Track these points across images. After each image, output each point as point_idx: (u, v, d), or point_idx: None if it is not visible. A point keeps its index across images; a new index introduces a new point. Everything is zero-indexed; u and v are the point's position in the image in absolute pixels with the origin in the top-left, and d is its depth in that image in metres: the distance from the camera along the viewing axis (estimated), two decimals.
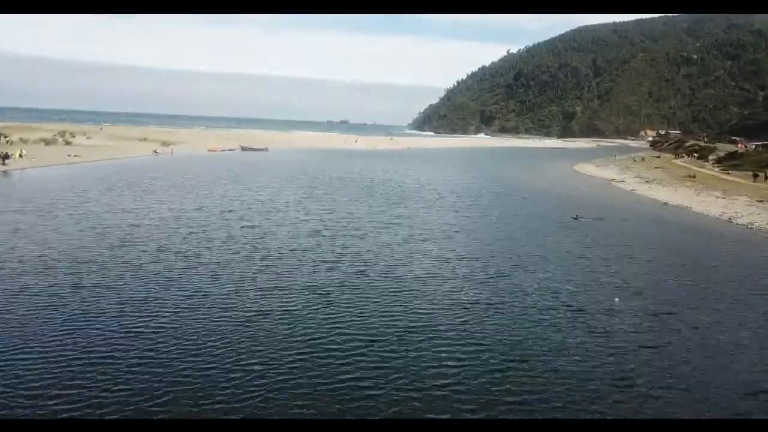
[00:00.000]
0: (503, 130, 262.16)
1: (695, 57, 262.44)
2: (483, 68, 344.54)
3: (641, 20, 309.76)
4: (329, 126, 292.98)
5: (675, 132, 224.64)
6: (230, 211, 24.81)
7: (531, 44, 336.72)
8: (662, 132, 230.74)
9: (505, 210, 29.83)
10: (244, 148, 73.23)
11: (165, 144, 67.61)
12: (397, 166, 55.60)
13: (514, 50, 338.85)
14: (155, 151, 58.88)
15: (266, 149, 73.34)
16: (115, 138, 70.82)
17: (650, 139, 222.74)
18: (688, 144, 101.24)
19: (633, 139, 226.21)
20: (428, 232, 22.13)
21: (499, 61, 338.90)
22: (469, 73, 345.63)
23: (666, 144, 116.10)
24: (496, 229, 23.87)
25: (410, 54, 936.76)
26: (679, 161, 76.20)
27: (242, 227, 21.45)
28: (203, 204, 26.39)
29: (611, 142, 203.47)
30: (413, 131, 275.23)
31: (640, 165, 69.59)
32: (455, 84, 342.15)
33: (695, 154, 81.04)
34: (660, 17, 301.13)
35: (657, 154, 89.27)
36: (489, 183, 43.64)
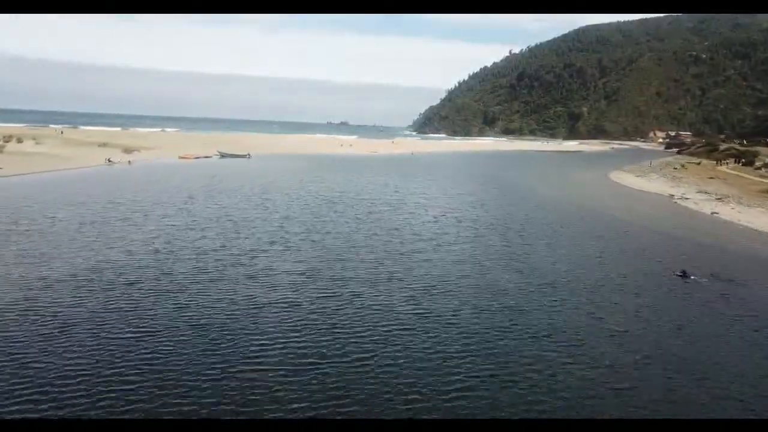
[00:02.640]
0: (507, 132, 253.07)
1: (704, 56, 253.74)
2: (485, 68, 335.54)
3: (645, 19, 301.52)
4: (329, 127, 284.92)
5: (686, 133, 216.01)
6: (136, 282, 14.40)
7: (533, 44, 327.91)
8: (672, 133, 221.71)
9: (573, 260, 19.46)
10: (223, 155, 62.95)
11: (127, 150, 57.28)
12: (404, 179, 45.15)
13: (515, 50, 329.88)
14: (109, 160, 48.42)
15: (248, 156, 62.98)
16: (72, 144, 60.42)
17: (660, 140, 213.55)
18: (723, 148, 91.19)
19: (643, 141, 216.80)
20: (484, 333, 11.79)
21: (502, 61, 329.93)
22: (471, 74, 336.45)
23: (694, 147, 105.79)
24: (587, 317, 13.54)
25: (410, 55, 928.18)
26: (725, 168, 66.14)
27: (133, 333, 11.07)
28: (98, 264, 15.94)
29: (622, 143, 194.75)
30: (413, 133, 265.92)
31: (686, 174, 59.41)
32: (456, 85, 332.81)
33: (741, 160, 70.98)
34: (664, 16, 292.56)
35: (695, 159, 78.96)
36: (525, 205, 33.19)
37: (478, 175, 53.93)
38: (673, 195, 41.73)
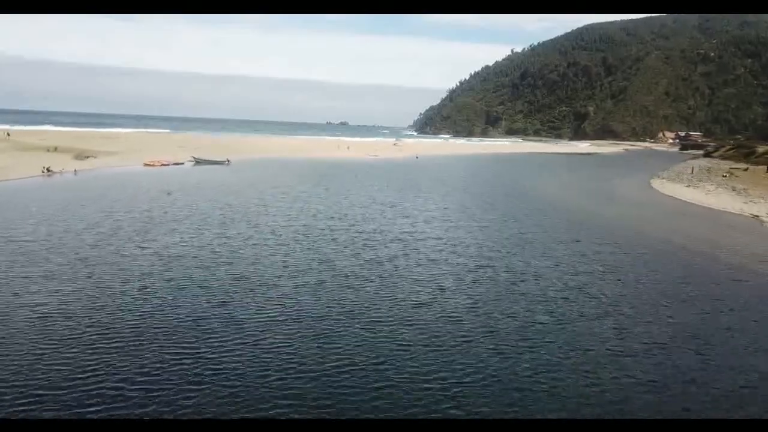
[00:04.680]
0: (510, 132, 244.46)
1: (712, 54, 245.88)
2: (487, 68, 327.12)
3: (650, 18, 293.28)
4: (329, 128, 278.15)
5: (696, 134, 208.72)
6: None
7: (535, 43, 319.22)
8: (682, 133, 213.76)
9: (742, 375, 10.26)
10: (198, 161, 53.68)
11: (80, 156, 47.98)
12: (413, 195, 35.89)
13: (518, 50, 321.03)
14: (48, 170, 39.13)
15: (227, 162, 53.69)
16: (17, 148, 51.02)
17: (670, 141, 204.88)
18: (761, 150, 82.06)
19: (652, 141, 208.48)
20: None
21: (503, 60, 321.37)
22: (472, 73, 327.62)
23: (723, 150, 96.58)
24: None
25: (410, 55, 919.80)
26: None
27: None
28: None
29: (632, 144, 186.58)
30: (415, 133, 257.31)
31: (742, 183, 50.17)
32: (458, 84, 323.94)
33: None
34: (669, 14, 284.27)
35: (738, 165, 69.67)
36: (586, 238, 23.93)
37: (500, 186, 44.65)
38: (757, 215, 32.61)
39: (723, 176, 56.76)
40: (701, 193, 43.12)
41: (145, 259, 16.66)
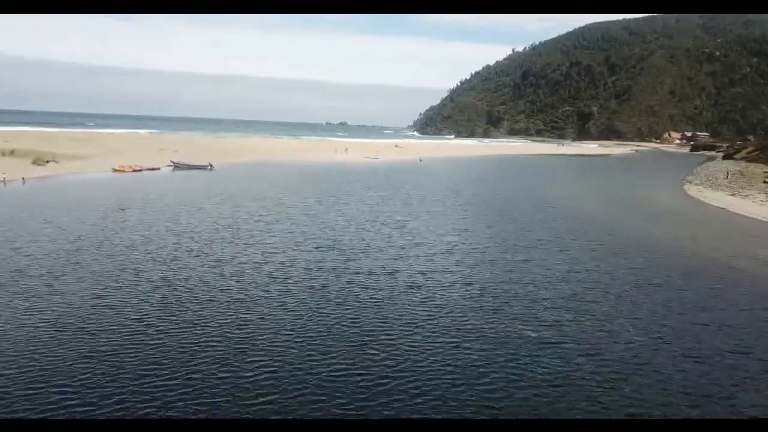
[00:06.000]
0: (512, 132, 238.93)
1: (717, 53, 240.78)
2: (487, 67, 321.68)
3: (653, 17, 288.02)
4: (328, 127, 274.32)
5: (703, 134, 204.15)
6: None
7: (537, 43, 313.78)
8: (688, 134, 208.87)
9: None
10: (177, 166, 47.78)
11: (39, 161, 41.98)
12: (423, 209, 29.95)
13: (519, 49, 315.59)
14: None
15: (210, 167, 47.73)
16: None
17: (677, 141, 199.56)
18: None
19: (659, 142, 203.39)
20: None
21: (504, 60, 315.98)
22: (473, 73, 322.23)
23: (745, 151, 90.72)
24: None
25: (410, 55, 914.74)
26: None
27: None
28: None
29: (639, 145, 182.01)
30: (415, 133, 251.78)
31: None
32: (458, 84, 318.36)
33: None
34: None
35: None
36: (669, 276, 17.92)
37: (522, 196, 38.60)
38: None
39: (765, 182, 50.90)
40: (753, 204, 37.20)
41: (30, 332, 10.70)
